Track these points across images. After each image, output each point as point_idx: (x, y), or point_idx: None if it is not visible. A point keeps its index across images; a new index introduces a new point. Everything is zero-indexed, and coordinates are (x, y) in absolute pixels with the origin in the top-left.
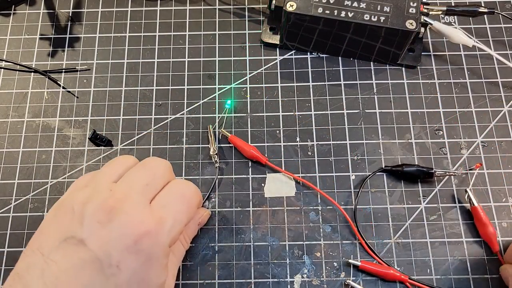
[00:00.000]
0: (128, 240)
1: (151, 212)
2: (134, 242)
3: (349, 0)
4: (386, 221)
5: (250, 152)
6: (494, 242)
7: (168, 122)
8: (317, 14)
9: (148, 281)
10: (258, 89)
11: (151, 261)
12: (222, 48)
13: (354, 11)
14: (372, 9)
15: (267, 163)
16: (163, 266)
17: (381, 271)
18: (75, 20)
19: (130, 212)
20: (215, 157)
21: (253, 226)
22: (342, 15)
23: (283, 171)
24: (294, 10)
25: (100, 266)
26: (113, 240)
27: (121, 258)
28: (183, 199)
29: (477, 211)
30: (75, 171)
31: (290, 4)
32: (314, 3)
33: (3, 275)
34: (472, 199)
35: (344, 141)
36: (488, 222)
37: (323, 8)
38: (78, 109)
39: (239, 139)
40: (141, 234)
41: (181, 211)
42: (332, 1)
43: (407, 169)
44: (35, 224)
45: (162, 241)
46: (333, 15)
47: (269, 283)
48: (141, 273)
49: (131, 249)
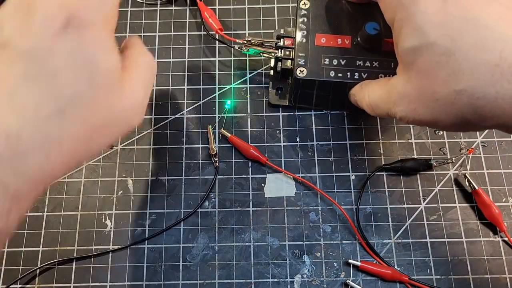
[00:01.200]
0: (54, 24)
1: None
2: (62, 25)
3: (361, 61)
4: (386, 221)
5: (250, 152)
6: (501, 221)
7: (168, 122)
8: (330, 79)
9: (91, 63)
10: (258, 89)
11: (86, 39)
12: (222, 48)
13: (368, 72)
14: (386, 68)
15: (267, 163)
16: (107, 47)
17: (381, 271)
18: None
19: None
20: (214, 157)
21: (253, 226)
22: (356, 77)
23: (283, 170)
24: (304, 76)
25: (30, 58)
26: (38, 30)
27: (51, 46)
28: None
29: (479, 193)
30: (75, 171)
31: (300, 70)
32: (324, 67)
33: (3, 275)
34: (472, 183)
35: (344, 141)
36: (491, 203)
37: (335, 71)
38: None
39: (239, 139)
40: (66, 15)
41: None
42: (343, 63)
43: (406, 164)
44: (35, 224)
45: (92, 18)
46: (346, 78)
47: (269, 283)
48: (79, 55)
49: (60, 34)
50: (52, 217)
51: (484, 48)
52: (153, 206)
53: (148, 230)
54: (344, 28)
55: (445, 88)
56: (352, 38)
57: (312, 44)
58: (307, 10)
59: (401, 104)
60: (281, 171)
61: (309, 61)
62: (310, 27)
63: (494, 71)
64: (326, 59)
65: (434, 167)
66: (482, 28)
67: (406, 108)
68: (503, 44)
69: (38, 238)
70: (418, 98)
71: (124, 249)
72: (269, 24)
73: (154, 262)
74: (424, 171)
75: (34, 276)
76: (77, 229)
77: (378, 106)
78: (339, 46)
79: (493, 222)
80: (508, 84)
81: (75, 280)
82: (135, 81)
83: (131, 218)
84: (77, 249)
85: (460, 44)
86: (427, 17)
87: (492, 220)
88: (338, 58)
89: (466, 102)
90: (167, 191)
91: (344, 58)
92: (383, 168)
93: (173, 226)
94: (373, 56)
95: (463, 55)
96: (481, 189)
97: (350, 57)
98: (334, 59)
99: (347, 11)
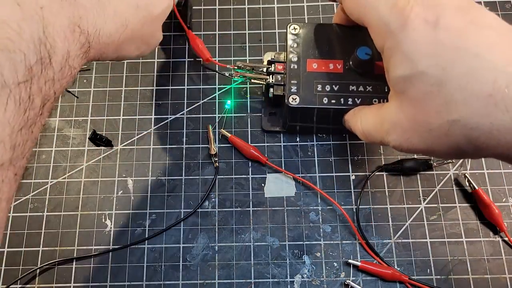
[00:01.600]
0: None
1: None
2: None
3: (354, 86)
4: (386, 221)
5: (250, 152)
6: (501, 221)
7: (168, 122)
8: (323, 106)
9: (148, 39)
10: (258, 89)
11: (152, 20)
12: (222, 48)
13: (362, 96)
14: (380, 92)
15: (267, 163)
16: (160, 28)
17: (381, 271)
18: None
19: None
20: (214, 157)
21: (253, 226)
22: (350, 102)
23: (283, 170)
24: (297, 104)
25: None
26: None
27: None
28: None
29: (479, 193)
30: (75, 171)
31: (293, 97)
32: (318, 93)
33: (3, 275)
34: (472, 183)
35: (344, 141)
36: (491, 202)
37: (328, 97)
38: (78, 109)
39: (239, 139)
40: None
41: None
42: (336, 89)
43: (406, 164)
44: (35, 224)
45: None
46: (339, 104)
47: (269, 283)
48: (142, 31)
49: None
50: (52, 217)
51: (476, 78)
52: (153, 206)
53: (148, 230)
54: (335, 52)
55: (438, 119)
56: (344, 62)
57: (304, 70)
58: (297, 35)
59: (394, 133)
60: (281, 171)
61: (302, 88)
62: (301, 53)
63: (487, 101)
64: (318, 86)
65: (434, 167)
66: (473, 57)
67: (400, 137)
68: (495, 73)
69: (38, 238)
70: (411, 127)
71: (124, 249)
72: (269, 24)
73: (154, 262)
74: (424, 171)
75: (34, 276)
76: (77, 229)
77: (371, 134)
78: (331, 71)
79: (493, 222)
80: (503, 115)
81: (75, 280)
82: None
83: (131, 218)
84: (77, 249)
85: (451, 74)
86: (416, 46)
87: (492, 220)
88: (331, 84)
89: (460, 133)
90: (167, 191)
91: (336, 83)
92: (383, 168)
93: (173, 226)
94: (366, 80)
95: (455, 85)
96: (481, 189)
97: (342, 83)
98: (327, 85)
99: (338, 34)
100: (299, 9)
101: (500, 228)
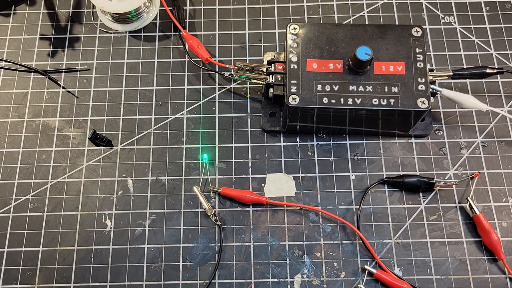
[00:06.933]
0: None
1: None
2: None
3: (354, 85)
4: (386, 221)
5: (248, 197)
6: (499, 249)
7: (168, 122)
8: (323, 105)
9: None
10: (258, 89)
11: None
12: (222, 48)
13: (362, 96)
14: (379, 92)
15: (268, 201)
16: None
17: (395, 284)
18: (75, 20)
19: None
20: (214, 216)
21: (253, 226)
22: (350, 102)
23: (299, 205)
24: (297, 104)
25: None
26: None
27: None
28: None
29: (480, 219)
30: (75, 171)
31: (293, 97)
32: (317, 93)
33: (3, 275)
34: (474, 208)
35: (344, 141)
36: (491, 229)
37: (328, 97)
38: (78, 109)
39: (232, 189)
40: None
41: None
42: (336, 89)
43: (408, 180)
44: (35, 224)
45: None
46: (339, 104)
47: (269, 283)
48: None
49: None
50: (52, 217)
51: None
52: (153, 206)
53: (148, 230)
54: (335, 52)
55: None
56: (344, 62)
57: (304, 70)
58: (297, 35)
59: None
60: (299, 206)
61: (301, 88)
62: (301, 52)
63: None
64: (318, 85)
65: (436, 186)
66: None
67: None
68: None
69: (38, 238)
70: None
71: (124, 249)
72: (269, 24)
73: (154, 262)
74: (426, 190)
75: (34, 276)
76: (77, 229)
77: None
78: (331, 71)
79: (492, 249)
80: None
81: (75, 280)
82: None
83: (131, 218)
84: (77, 249)
85: None
86: None
87: (491, 247)
88: (331, 83)
89: None
90: (167, 191)
91: (336, 83)
92: (384, 181)
93: (173, 226)
94: (366, 80)
95: None
96: (483, 214)
97: (342, 82)
98: (327, 85)
99: (338, 34)
100: (299, 9)
101: (498, 257)
